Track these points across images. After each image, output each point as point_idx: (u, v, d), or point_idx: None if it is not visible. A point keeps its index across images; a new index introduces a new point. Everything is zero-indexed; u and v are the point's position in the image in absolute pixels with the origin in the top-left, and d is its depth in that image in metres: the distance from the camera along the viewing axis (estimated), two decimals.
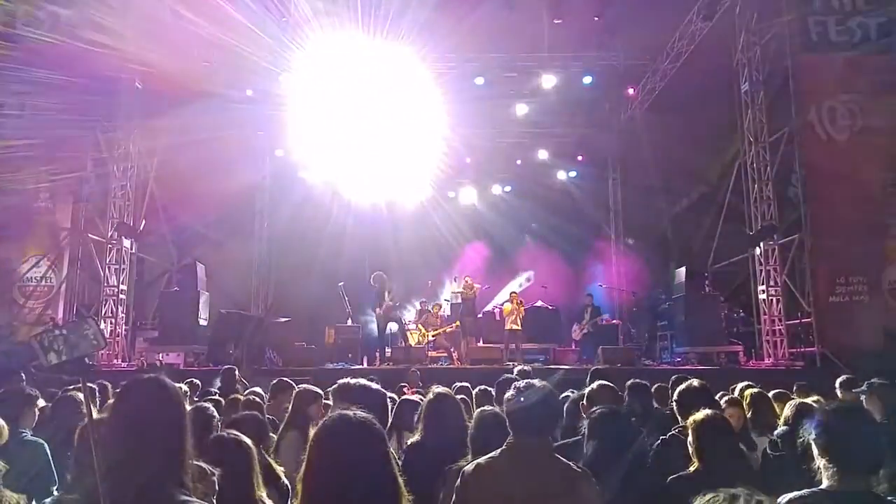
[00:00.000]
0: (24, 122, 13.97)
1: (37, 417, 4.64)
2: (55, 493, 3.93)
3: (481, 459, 3.14)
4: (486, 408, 3.98)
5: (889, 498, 2.57)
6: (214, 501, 2.77)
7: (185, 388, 6.99)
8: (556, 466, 3.04)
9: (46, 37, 14.05)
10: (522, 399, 3.13)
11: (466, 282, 15.80)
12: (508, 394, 3.24)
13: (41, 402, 5.05)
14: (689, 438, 3.69)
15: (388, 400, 3.75)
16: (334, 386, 3.64)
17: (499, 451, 3.13)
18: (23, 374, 6.80)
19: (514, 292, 16.19)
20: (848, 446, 2.59)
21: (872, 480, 2.56)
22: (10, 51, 14.12)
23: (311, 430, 2.48)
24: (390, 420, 4.74)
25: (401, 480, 2.20)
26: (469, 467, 3.14)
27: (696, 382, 4.74)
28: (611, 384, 5.16)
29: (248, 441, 3.33)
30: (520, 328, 14.97)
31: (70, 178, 14.32)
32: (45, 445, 4.22)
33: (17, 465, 3.99)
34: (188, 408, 2.42)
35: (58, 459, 4.29)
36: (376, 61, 16.46)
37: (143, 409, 2.19)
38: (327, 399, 5.09)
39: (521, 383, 3.24)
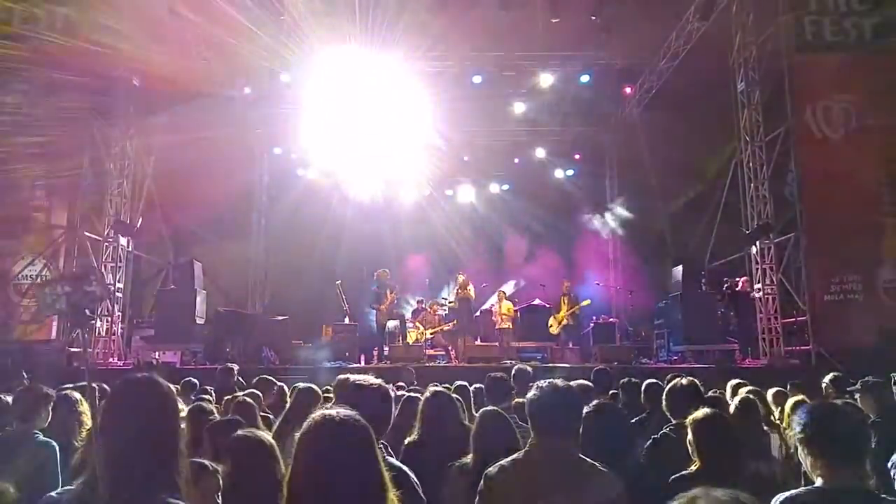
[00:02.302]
0: (20, 119, 13.94)
1: (50, 417, 4.62)
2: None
3: (504, 462, 3.08)
4: (488, 407, 3.99)
5: (884, 496, 2.60)
6: (219, 498, 2.77)
7: (176, 387, 7.01)
8: (582, 467, 3.01)
9: (44, 35, 14.05)
10: (545, 399, 3.10)
11: (463, 280, 15.81)
12: (531, 394, 3.19)
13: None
14: (689, 437, 3.70)
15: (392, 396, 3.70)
16: (335, 382, 3.60)
17: (522, 452, 3.10)
18: (25, 374, 6.76)
19: (502, 291, 16.39)
20: (829, 436, 2.63)
21: (862, 472, 2.60)
22: (8, 49, 14.12)
23: None
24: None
25: (388, 478, 2.18)
26: (492, 469, 3.07)
27: (685, 381, 4.74)
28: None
29: (270, 439, 3.32)
30: (510, 326, 15.34)
31: (66, 176, 14.28)
32: (56, 448, 4.21)
33: (26, 465, 3.99)
34: (183, 407, 2.40)
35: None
36: (373, 60, 16.45)
37: (133, 410, 2.17)
38: (327, 394, 5.10)
39: (543, 383, 3.19)
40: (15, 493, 2.99)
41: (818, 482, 2.60)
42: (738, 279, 14.69)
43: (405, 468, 3.02)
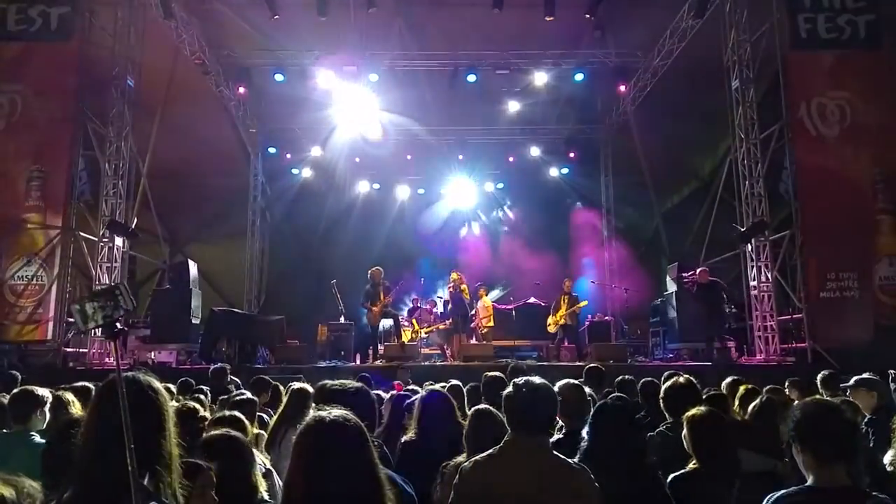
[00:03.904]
0: (15, 119, 13.91)
1: (47, 418, 4.60)
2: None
3: (479, 456, 3.11)
4: (481, 406, 3.98)
5: (874, 493, 2.60)
6: (214, 494, 2.76)
7: (172, 387, 7.00)
8: (554, 463, 3.02)
9: (38, 35, 14.02)
10: (520, 396, 3.10)
11: (456, 277, 15.79)
12: (506, 390, 3.20)
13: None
14: (686, 435, 3.69)
15: (374, 397, 3.72)
16: (314, 391, 3.61)
17: (497, 448, 3.11)
18: (18, 375, 6.73)
19: (483, 287, 16.53)
20: (821, 435, 2.62)
21: (854, 471, 2.60)
22: (3, 49, 14.09)
23: None
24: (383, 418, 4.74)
25: (383, 478, 2.19)
26: (467, 464, 3.11)
27: (682, 379, 4.73)
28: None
29: (241, 436, 3.32)
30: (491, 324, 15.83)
31: (61, 176, 14.22)
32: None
33: (24, 467, 3.98)
34: (172, 408, 2.36)
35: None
36: (368, 58, 16.46)
37: (115, 413, 2.07)
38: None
39: (520, 380, 3.20)
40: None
41: (810, 480, 2.60)
42: (694, 271, 14.34)
43: (393, 474, 3.02)
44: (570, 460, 3.09)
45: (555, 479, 2.97)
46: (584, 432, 3.62)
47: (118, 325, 2.27)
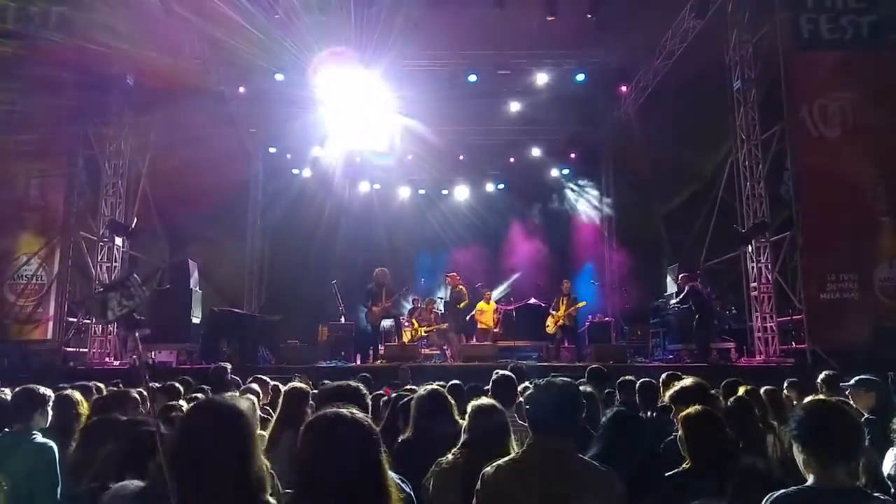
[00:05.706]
0: (15, 117, 13.89)
1: (50, 417, 4.60)
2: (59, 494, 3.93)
3: (501, 461, 3.03)
4: (483, 399, 3.94)
5: (876, 494, 2.59)
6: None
7: (178, 386, 7.00)
8: (580, 467, 2.97)
9: (38, 33, 14.00)
10: (542, 398, 3.05)
11: (452, 279, 15.75)
12: (528, 392, 3.15)
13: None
14: (680, 434, 3.67)
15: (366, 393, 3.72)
16: (317, 395, 3.61)
17: (520, 451, 3.06)
18: (22, 374, 6.74)
19: (488, 292, 16.48)
20: (822, 435, 2.61)
21: (854, 472, 2.58)
22: (2, 46, 14.06)
23: None
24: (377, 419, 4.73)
25: (391, 481, 2.18)
26: (489, 469, 3.02)
27: (690, 381, 4.67)
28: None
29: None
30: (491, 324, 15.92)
31: (61, 175, 14.23)
32: (55, 449, 4.19)
33: (25, 466, 4.01)
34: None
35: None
36: (368, 58, 16.42)
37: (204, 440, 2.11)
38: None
39: (542, 381, 3.15)
40: (6, 485, 2.98)
41: (810, 480, 2.59)
42: (678, 299, 14.36)
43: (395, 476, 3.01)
44: (596, 463, 3.04)
45: (582, 483, 2.91)
46: (596, 437, 3.60)
47: (135, 315, 2.39)
